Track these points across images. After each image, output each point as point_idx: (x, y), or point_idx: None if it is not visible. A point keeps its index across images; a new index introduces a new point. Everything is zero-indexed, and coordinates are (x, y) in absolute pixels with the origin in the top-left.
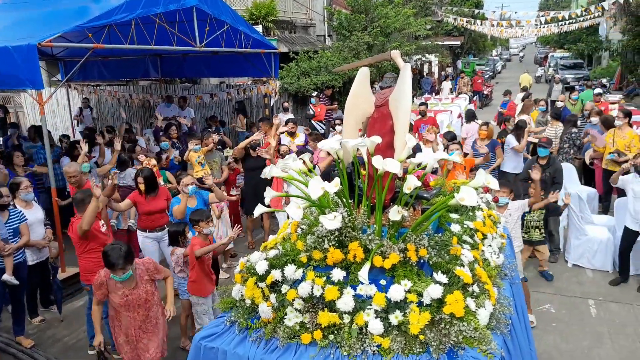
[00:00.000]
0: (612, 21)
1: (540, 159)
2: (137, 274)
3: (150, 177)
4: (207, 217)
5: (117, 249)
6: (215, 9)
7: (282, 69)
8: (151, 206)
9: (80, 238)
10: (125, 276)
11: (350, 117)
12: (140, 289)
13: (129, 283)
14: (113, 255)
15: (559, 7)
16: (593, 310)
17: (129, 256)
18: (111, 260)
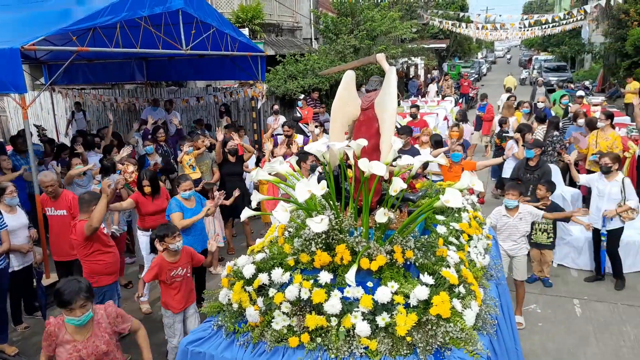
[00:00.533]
0: (594, 24)
1: (529, 160)
2: (95, 320)
3: (154, 178)
4: (174, 231)
5: (74, 282)
6: (201, 11)
7: (269, 72)
8: (155, 206)
9: (86, 239)
10: (85, 318)
11: (337, 120)
12: (97, 339)
13: (83, 332)
14: (69, 290)
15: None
16: (578, 309)
17: (90, 291)
18: (66, 297)
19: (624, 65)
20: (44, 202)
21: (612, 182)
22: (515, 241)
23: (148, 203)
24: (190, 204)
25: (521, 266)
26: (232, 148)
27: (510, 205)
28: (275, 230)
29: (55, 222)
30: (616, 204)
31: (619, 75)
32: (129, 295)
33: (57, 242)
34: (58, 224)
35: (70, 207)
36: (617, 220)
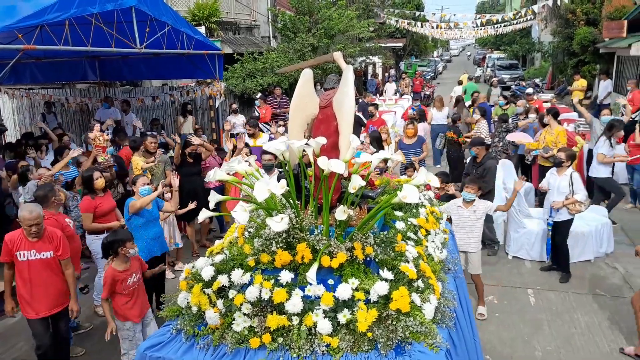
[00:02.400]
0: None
1: (476, 157)
2: None
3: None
4: (131, 238)
5: None
6: (155, 9)
7: (227, 70)
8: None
9: None
10: None
11: (295, 118)
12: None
13: None
14: None
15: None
16: (532, 299)
17: None
18: None
19: (571, 63)
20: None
21: (561, 176)
22: (466, 234)
23: (103, 201)
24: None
25: (475, 260)
26: (193, 151)
27: (468, 198)
28: (234, 231)
29: (35, 269)
30: (564, 197)
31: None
32: (85, 300)
33: (37, 294)
34: (39, 270)
35: (59, 246)
36: (565, 212)
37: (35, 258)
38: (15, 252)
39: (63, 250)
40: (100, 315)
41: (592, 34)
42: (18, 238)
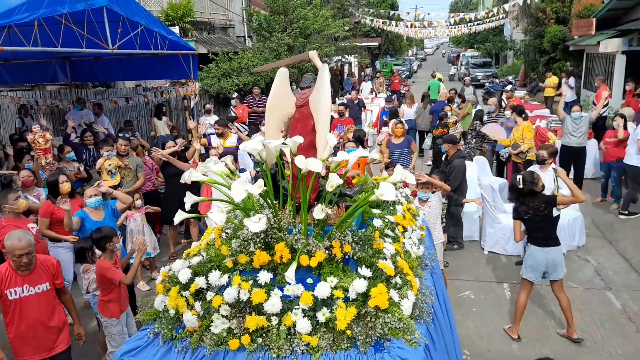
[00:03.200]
0: (514, 22)
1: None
2: None
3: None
4: (115, 233)
5: None
6: (127, 9)
7: (202, 70)
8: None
9: None
10: None
11: (272, 117)
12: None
13: None
14: None
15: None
16: (508, 293)
17: None
18: None
19: (542, 60)
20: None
21: (545, 172)
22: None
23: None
24: (98, 216)
25: (438, 254)
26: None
27: (424, 197)
28: (211, 232)
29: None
30: (550, 193)
31: (539, 70)
32: None
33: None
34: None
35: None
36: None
37: (30, 294)
38: (4, 291)
39: (61, 277)
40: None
41: (562, 32)
42: (6, 272)
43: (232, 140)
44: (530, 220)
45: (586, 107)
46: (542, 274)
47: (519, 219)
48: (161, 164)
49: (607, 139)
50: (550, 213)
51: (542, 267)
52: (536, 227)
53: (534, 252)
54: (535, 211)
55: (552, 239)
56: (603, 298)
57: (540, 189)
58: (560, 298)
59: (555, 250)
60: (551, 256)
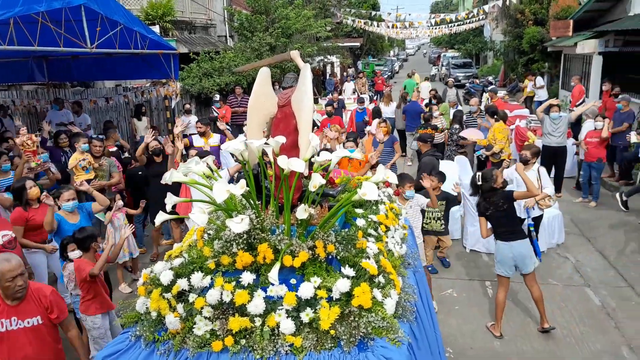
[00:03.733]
0: (494, 23)
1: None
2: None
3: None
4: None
5: None
6: (106, 8)
7: (183, 70)
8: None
9: None
10: None
11: (254, 117)
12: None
13: None
14: None
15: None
16: (490, 291)
17: None
18: None
19: (521, 61)
20: None
21: (529, 172)
22: None
23: (37, 212)
24: (74, 219)
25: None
26: (156, 148)
27: (411, 196)
28: (193, 234)
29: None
30: None
31: (518, 70)
32: None
33: None
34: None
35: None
36: (536, 208)
37: (18, 327)
38: None
39: (59, 310)
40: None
41: (540, 33)
42: None
43: (214, 140)
44: (491, 216)
45: (564, 108)
46: (512, 268)
47: (482, 215)
48: (145, 162)
49: (588, 139)
50: (510, 208)
51: (510, 261)
52: (498, 223)
53: (500, 247)
54: (495, 207)
55: (516, 232)
56: (582, 295)
57: (500, 186)
58: (532, 290)
59: (520, 243)
60: (517, 250)
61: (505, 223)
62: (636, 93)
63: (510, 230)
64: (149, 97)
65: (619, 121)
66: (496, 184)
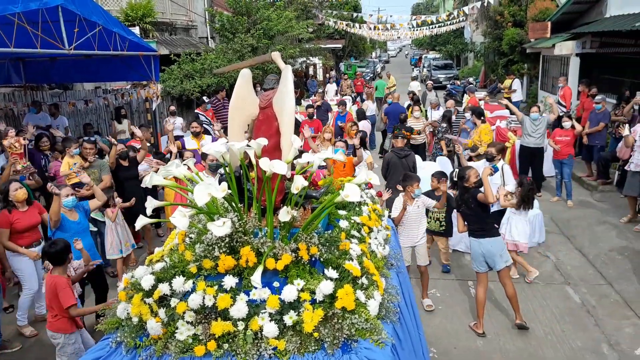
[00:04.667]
0: (474, 25)
1: None
2: None
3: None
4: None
5: None
6: (84, 8)
7: (164, 71)
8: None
9: None
10: None
11: (235, 119)
12: None
13: None
14: None
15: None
16: (472, 290)
17: None
18: None
19: (501, 62)
20: None
21: None
22: (416, 228)
23: (23, 215)
24: (73, 216)
25: (423, 252)
26: (122, 152)
27: (418, 194)
28: (175, 238)
29: None
30: (496, 189)
31: (498, 72)
32: (10, 319)
33: None
34: None
35: None
36: (497, 205)
37: None
38: None
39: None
40: (28, 337)
41: (519, 34)
42: None
43: (206, 142)
44: (463, 213)
45: (545, 109)
46: (484, 263)
47: (457, 210)
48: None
49: (557, 138)
50: (478, 207)
51: (480, 257)
52: (470, 220)
53: (471, 243)
54: (466, 205)
55: (486, 230)
56: (563, 293)
57: (473, 185)
58: (506, 287)
59: (489, 241)
60: (485, 247)
61: (476, 221)
62: (612, 93)
63: (481, 228)
64: (130, 99)
65: (595, 121)
66: (469, 182)
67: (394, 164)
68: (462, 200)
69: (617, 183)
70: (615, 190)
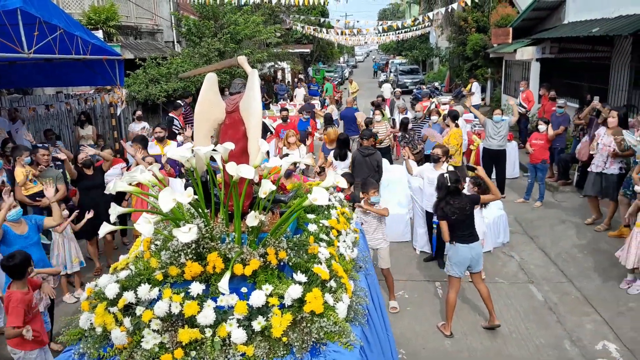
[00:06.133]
0: (439, 30)
1: None
2: None
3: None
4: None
5: None
6: (44, 11)
7: (129, 76)
8: None
9: None
10: None
11: (201, 124)
12: None
13: None
14: None
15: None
16: (440, 291)
17: None
18: None
19: (466, 67)
20: None
21: (439, 170)
22: (375, 232)
23: None
24: (20, 229)
25: (385, 255)
26: (86, 160)
27: (377, 201)
28: (140, 245)
29: None
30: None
31: (463, 76)
32: None
33: None
34: None
35: None
36: None
37: None
38: None
39: None
40: None
41: (483, 40)
42: None
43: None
44: (456, 220)
45: (507, 112)
46: (465, 269)
47: (445, 218)
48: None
49: (533, 141)
50: (472, 211)
51: (467, 262)
52: (463, 226)
53: (460, 249)
54: (461, 210)
55: (475, 235)
56: (527, 291)
57: (462, 187)
58: (480, 289)
59: (478, 245)
60: (475, 251)
61: (468, 226)
62: (571, 97)
63: (471, 233)
64: (93, 104)
65: (556, 124)
66: (461, 185)
67: (359, 162)
68: (456, 207)
69: (577, 183)
70: (575, 191)
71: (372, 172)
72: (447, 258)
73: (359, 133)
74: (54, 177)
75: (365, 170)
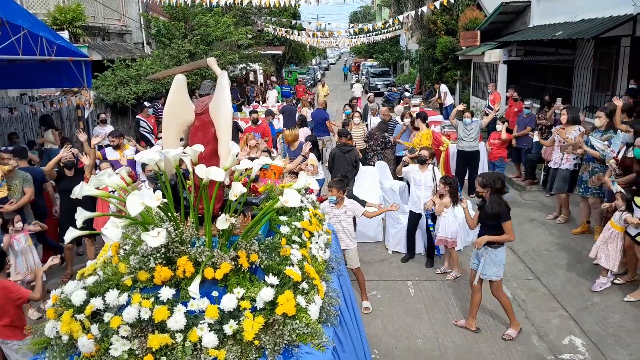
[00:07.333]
0: (409, 33)
1: None
2: None
3: None
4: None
5: None
6: (7, 12)
7: (97, 78)
8: None
9: None
10: None
11: (170, 126)
12: None
13: None
14: None
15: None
16: (412, 290)
17: None
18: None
19: (435, 69)
20: None
21: (425, 172)
22: (341, 232)
23: None
24: None
25: (353, 256)
26: (68, 161)
27: (331, 200)
28: (108, 250)
29: None
30: (431, 190)
31: (433, 78)
32: None
33: None
34: None
35: None
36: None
37: None
38: None
39: None
40: None
41: (452, 42)
42: None
43: (129, 152)
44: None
45: (477, 113)
46: None
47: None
48: (56, 177)
49: (491, 140)
50: None
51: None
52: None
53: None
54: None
55: None
56: None
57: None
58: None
59: None
60: None
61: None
62: (537, 98)
63: None
64: (59, 106)
65: (522, 125)
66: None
67: (339, 157)
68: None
69: (543, 183)
70: (542, 190)
71: (350, 167)
72: (496, 263)
73: (328, 134)
74: (21, 180)
75: (345, 166)
